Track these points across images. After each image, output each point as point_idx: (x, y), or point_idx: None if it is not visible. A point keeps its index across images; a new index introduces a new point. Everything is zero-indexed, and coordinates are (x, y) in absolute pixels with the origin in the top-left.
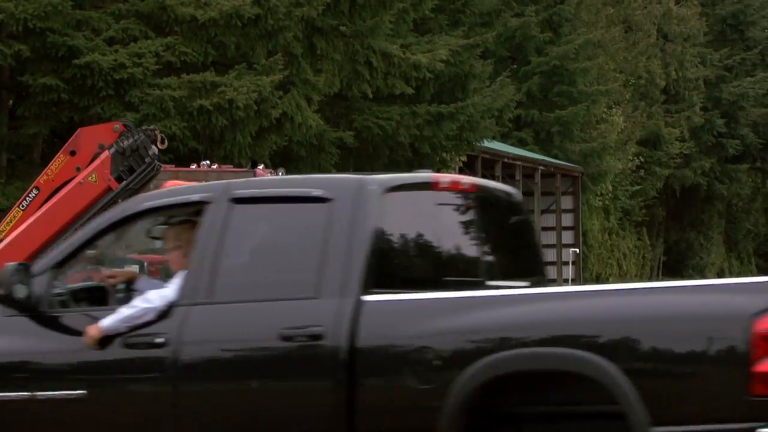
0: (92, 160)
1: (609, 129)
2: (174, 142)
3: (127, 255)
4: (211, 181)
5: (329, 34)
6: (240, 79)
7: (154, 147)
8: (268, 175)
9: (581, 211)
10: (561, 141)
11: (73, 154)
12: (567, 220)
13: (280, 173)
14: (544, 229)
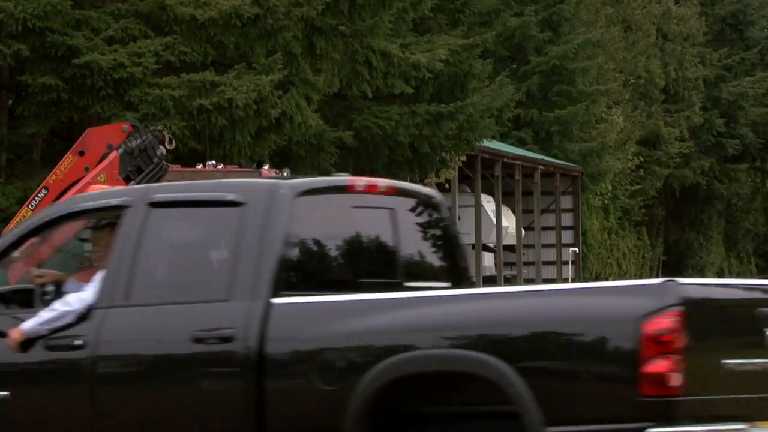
0: (101, 161)
1: (608, 129)
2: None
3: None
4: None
5: (329, 33)
6: (239, 79)
7: (161, 147)
8: (274, 175)
9: (581, 211)
10: (560, 140)
11: (82, 154)
12: (566, 220)
13: (286, 173)
14: (544, 229)
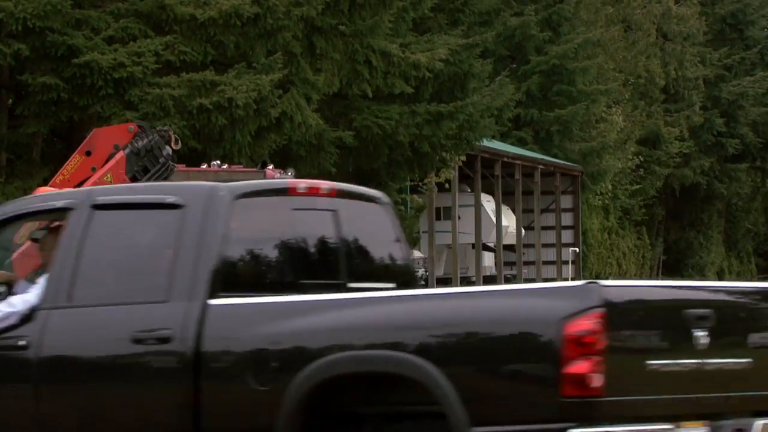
0: (107, 161)
1: (608, 128)
2: None
3: None
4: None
5: (329, 33)
6: (239, 78)
7: (168, 147)
8: (278, 175)
9: (581, 210)
10: (560, 140)
11: (89, 154)
12: (566, 219)
13: (290, 173)
14: (544, 228)
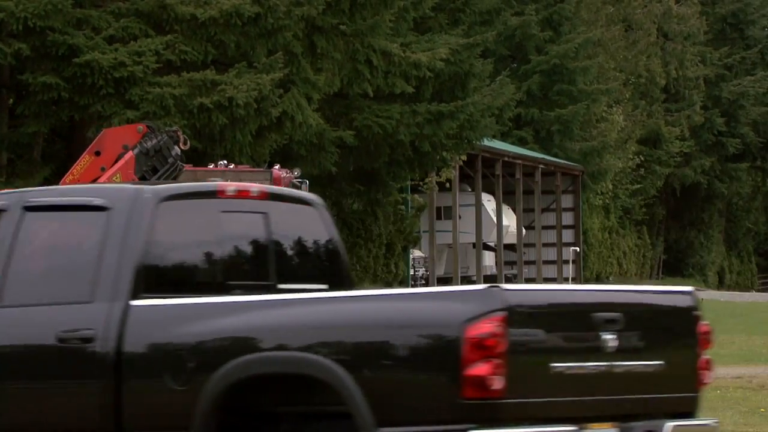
0: (116, 161)
1: (609, 128)
2: None
3: None
4: (227, 181)
5: (329, 33)
6: (240, 78)
7: (176, 147)
8: (284, 175)
9: (581, 210)
10: (561, 140)
11: (98, 154)
12: (567, 219)
13: (297, 173)
14: (545, 228)
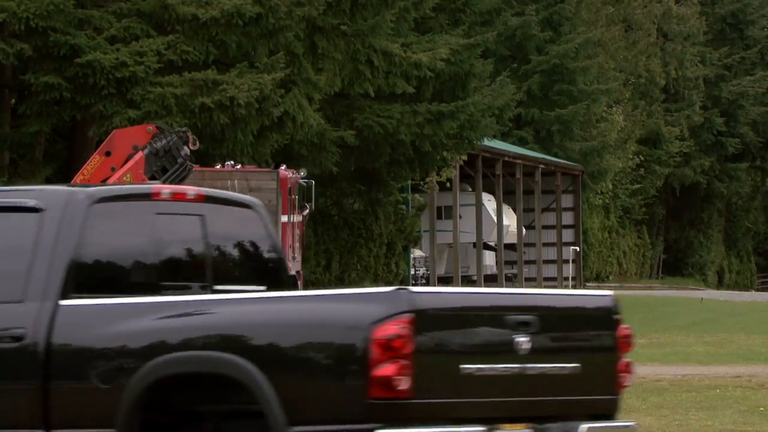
0: (126, 161)
1: (609, 128)
2: None
3: None
4: (235, 181)
5: (330, 33)
6: (241, 78)
7: (186, 148)
8: (290, 175)
9: (581, 210)
10: (561, 139)
11: (108, 154)
12: (567, 219)
13: (302, 173)
14: (545, 228)
